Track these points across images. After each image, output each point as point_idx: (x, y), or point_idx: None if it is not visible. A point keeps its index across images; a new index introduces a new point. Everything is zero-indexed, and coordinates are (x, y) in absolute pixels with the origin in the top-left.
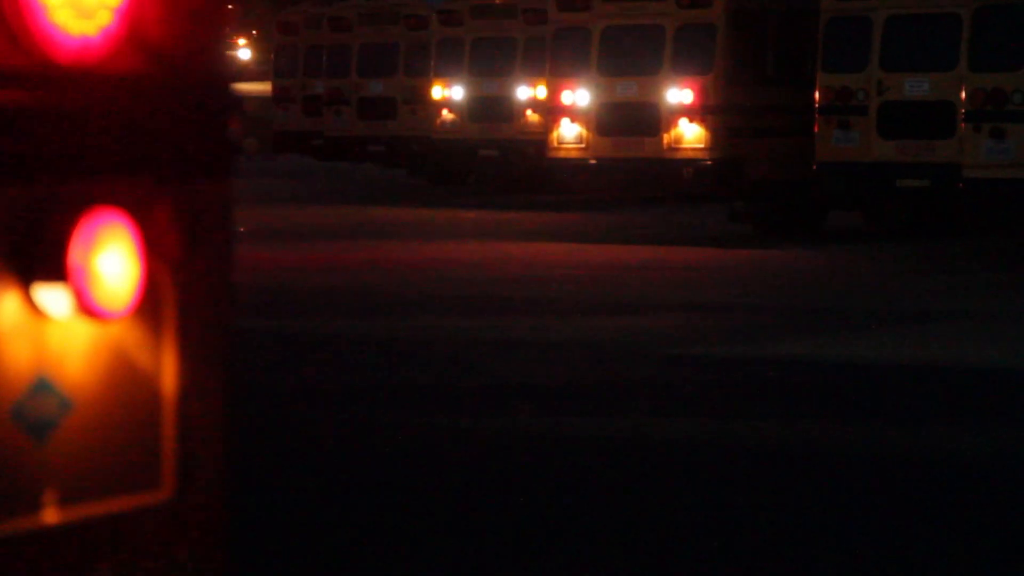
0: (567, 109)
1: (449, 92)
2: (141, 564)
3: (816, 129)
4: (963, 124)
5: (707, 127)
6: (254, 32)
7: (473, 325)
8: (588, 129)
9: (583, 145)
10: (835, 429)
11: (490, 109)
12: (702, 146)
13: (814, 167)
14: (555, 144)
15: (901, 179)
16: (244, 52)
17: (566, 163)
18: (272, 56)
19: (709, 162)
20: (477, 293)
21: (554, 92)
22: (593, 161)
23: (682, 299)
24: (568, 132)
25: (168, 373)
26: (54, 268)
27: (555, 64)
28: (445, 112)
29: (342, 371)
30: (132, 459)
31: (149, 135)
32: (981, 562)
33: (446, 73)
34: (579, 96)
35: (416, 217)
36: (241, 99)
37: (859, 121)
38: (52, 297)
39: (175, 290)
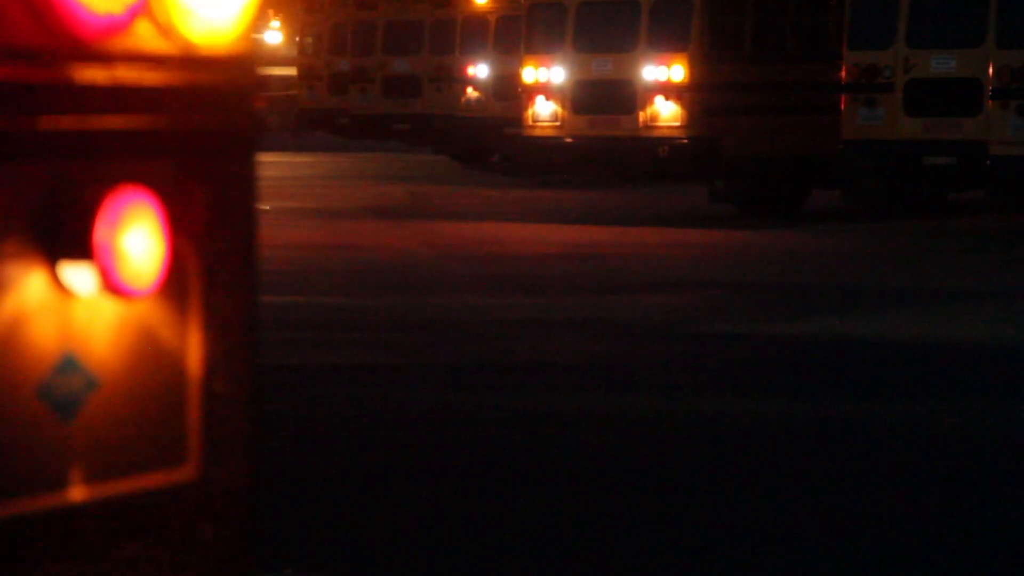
0: (542, 87)
1: (474, 70)
2: (167, 542)
3: (842, 107)
4: (990, 101)
5: (683, 105)
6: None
7: (493, 304)
8: (563, 107)
9: (558, 123)
10: (858, 406)
11: (515, 87)
12: (678, 124)
13: (840, 145)
14: (530, 122)
15: (927, 157)
16: (275, 36)
17: (541, 141)
18: (298, 35)
19: (685, 140)
20: (495, 272)
21: (529, 69)
22: (569, 140)
23: (695, 278)
24: (543, 110)
25: (193, 351)
26: (80, 246)
27: (530, 41)
28: (470, 90)
29: (365, 349)
30: (158, 437)
31: (174, 113)
32: (997, 539)
33: (471, 52)
34: (554, 73)
35: (440, 195)
36: (266, 77)
37: (885, 99)
38: (78, 275)
39: (200, 268)
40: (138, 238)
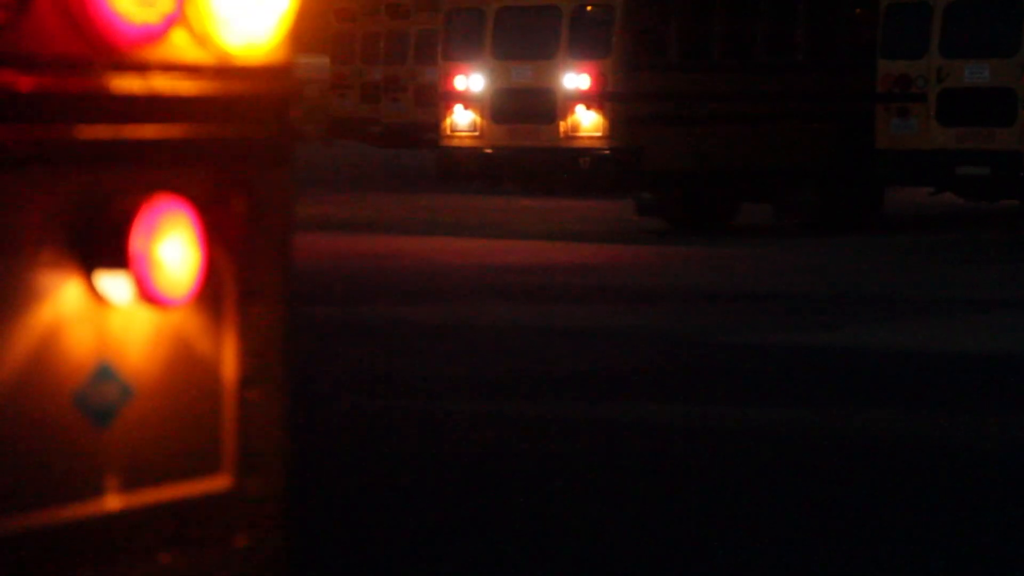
0: (460, 95)
1: None
2: (202, 549)
3: (875, 116)
4: (1023, 111)
5: (604, 114)
6: None
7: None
8: (482, 116)
9: (477, 133)
10: (865, 415)
11: None
12: (599, 134)
13: (871, 155)
14: (448, 132)
15: (960, 167)
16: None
17: (460, 152)
18: (330, 43)
19: (607, 151)
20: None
21: (447, 77)
22: (489, 150)
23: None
24: (462, 119)
25: (228, 360)
26: (116, 255)
27: (448, 48)
28: None
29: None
30: (193, 445)
31: (210, 122)
32: (1002, 548)
33: None
34: (473, 81)
35: (471, 205)
36: (301, 87)
37: (918, 108)
38: (114, 284)
39: (235, 277)
40: (174, 247)
